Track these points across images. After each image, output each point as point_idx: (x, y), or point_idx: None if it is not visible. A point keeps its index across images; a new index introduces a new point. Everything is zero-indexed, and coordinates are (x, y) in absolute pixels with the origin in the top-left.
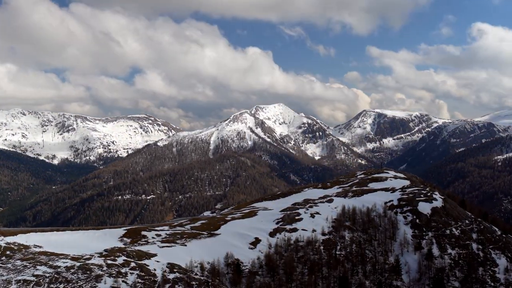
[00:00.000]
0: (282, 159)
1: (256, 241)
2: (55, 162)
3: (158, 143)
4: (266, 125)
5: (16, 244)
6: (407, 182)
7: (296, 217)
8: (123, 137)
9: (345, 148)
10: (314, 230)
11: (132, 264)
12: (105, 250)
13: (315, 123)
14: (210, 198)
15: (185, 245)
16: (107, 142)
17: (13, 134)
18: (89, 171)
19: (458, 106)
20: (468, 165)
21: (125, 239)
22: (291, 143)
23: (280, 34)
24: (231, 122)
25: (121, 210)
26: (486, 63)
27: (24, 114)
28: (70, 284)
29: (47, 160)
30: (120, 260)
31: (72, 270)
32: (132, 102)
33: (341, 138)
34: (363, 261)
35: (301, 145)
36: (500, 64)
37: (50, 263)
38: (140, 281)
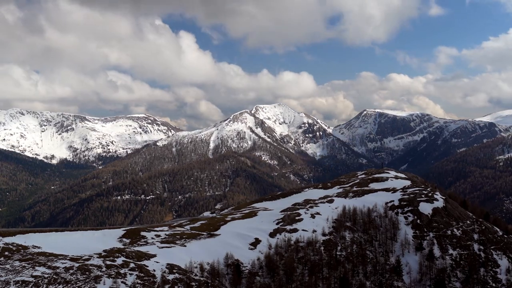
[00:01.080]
0: (282, 159)
1: (256, 242)
2: (54, 162)
3: (158, 143)
4: (266, 125)
5: (15, 244)
6: (408, 182)
7: (297, 218)
8: (122, 137)
9: (346, 148)
10: (314, 231)
11: (131, 265)
12: (104, 251)
13: (315, 123)
14: (210, 198)
15: (185, 246)
16: (106, 142)
17: (11, 134)
18: (88, 171)
19: None
20: (469, 165)
21: (124, 239)
22: (291, 143)
23: None
24: (231, 122)
25: (120, 210)
26: None
27: (22, 114)
28: (69, 284)
29: (45, 160)
30: (119, 260)
31: (71, 271)
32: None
33: (341, 138)
34: (364, 261)
35: (301, 145)
36: None
37: (49, 263)
38: (139, 282)
